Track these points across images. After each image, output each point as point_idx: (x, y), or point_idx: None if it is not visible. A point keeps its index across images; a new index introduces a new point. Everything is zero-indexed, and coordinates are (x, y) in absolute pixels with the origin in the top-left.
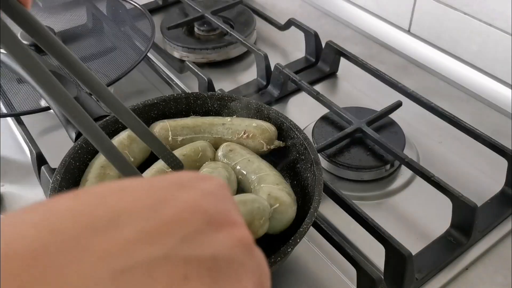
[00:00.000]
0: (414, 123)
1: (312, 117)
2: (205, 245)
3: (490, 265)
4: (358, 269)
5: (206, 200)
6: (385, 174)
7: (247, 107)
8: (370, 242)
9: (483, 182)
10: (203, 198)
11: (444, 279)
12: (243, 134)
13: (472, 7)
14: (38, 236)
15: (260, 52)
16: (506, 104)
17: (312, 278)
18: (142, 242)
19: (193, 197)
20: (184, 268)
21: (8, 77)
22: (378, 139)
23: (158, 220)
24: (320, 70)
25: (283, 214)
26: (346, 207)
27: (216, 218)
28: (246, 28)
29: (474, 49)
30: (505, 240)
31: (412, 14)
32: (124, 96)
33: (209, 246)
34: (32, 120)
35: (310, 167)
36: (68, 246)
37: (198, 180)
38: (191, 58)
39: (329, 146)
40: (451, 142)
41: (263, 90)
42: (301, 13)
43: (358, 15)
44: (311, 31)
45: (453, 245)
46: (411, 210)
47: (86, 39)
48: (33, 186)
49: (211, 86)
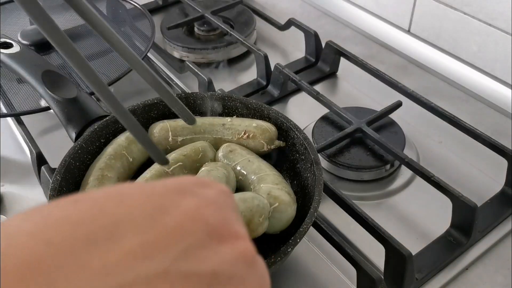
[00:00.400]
0: (414, 123)
1: (312, 117)
2: (205, 260)
3: (490, 265)
4: (358, 269)
5: (207, 209)
6: (385, 174)
7: (247, 107)
8: (370, 242)
9: (483, 182)
10: (205, 207)
11: (444, 279)
12: (243, 135)
13: (472, 7)
14: (34, 248)
15: (260, 52)
16: (506, 104)
17: (312, 278)
18: (140, 257)
19: (194, 205)
20: (183, 285)
21: (8, 77)
22: (378, 139)
23: (157, 232)
24: (320, 70)
25: (283, 213)
26: (346, 207)
27: (218, 229)
28: (246, 28)
29: (474, 49)
30: (505, 240)
31: (412, 14)
32: (124, 96)
33: (210, 261)
34: (32, 120)
35: (310, 167)
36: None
37: (200, 186)
38: (191, 58)
39: (329, 146)
40: (451, 142)
41: (263, 90)
42: (301, 13)
43: (358, 15)
44: (311, 31)
45: (453, 245)
46: (411, 210)
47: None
48: (33, 186)
49: (211, 86)
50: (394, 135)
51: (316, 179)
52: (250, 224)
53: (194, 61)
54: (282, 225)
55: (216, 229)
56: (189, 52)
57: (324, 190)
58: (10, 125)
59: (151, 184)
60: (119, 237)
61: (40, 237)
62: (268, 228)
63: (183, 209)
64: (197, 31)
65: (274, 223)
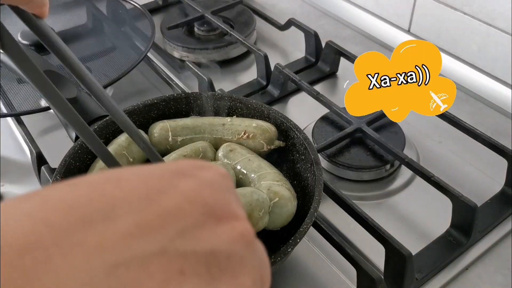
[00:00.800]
0: (414, 123)
1: (312, 117)
2: (203, 239)
3: (490, 265)
4: (358, 269)
5: (206, 190)
6: (385, 174)
7: (247, 107)
8: (370, 242)
9: (483, 182)
10: (203, 188)
11: (444, 279)
12: (243, 135)
13: (472, 7)
14: (32, 226)
15: (260, 52)
16: (506, 104)
17: (312, 278)
18: (137, 236)
19: (192, 186)
20: (181, 263)
21: (8, 77)
22: (378, 139)
23: (154, 212)
24: (320, 70)
25: (283, 208)
26: (346, 207)
27: (216, 210)
28: (246, 28)
29: (474, 49)
30: (505, 240)
31: (412, 14)
32: (124, 96)
33: (207, 241)
34: (32, 120)
35: (310, 167)
36: (61, 238)
37: (198, 169)
38: (191, 58)
39: (329, 146)
40: (451, 142)
41: (263, 90)
42: (301, 13)
43: (358, 15)
44: (311, 31)
45: (453, 245)
46: (411, 210)
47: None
48: (33, 186)
49: (211, 86)
50: (394, 135)
51: (316, 179)
52: (250, 219)
53: (194, 61)
54: (282, 220)
55: (214, 210)
56: (189, 52)
57: (324, 190)
58: (10, 125)
59: (148, 168)
60: (115, 218)
61: (38, 217)
62: (269, 223)
63: (180, 190)
64: (197, 31)
65: (274, 218)
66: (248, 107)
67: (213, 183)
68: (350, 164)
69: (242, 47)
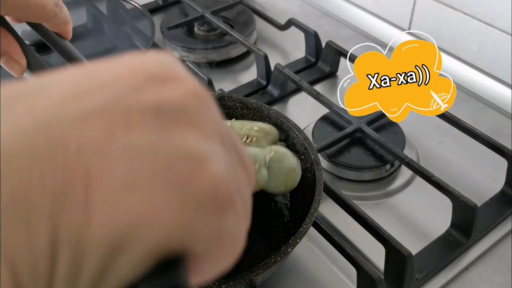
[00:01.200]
0: (414, 123)
1: (312, 117)
2: (148, 96)
3: (490, 265)
4: (358, 269)
5: (150, 61)
6: (385, 174)
7: (247, 107)
8: (370, 242)
9: (483, 182)
10: (148, 61)
11: (444, 279)
12: (246, 139)
13: (472, 7)
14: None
15: (260, 52)
16: (506, 104)
17: (312, 278)
18: (71, 100)
19: (135, 59)
20: (125, 116)
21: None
22: (378, 139)
23: (91, 81)
24: (320, 70)
25: (281, 162)
26: (346, 207)
27: (161, 73)
28: (246, 28)
29: (474, 49)
30: (505, 240)
31: (412, 14)
32: None
33: (153, 96)
34: None
35: (310, 167)
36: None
37: (150, 54)
38: (191, 58)
39: (329, 146)
40: (451, 142)
41: (263, 90)
42: (301, 13)
43: (358, 15)
44: (311, 31)
45: (453, 245)
46: (411, 210)
47: (86, 39)
48: None
49: (211, 86)
50: (394, 135)
51: (316, 179)
52: None
53: (194, 61)
54: (283, 177)
55: (159, 74)
56: (189, 52)
57: (324, 190)
58: None
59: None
60: (46, 91)
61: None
62: (271, 182)
63: (121, 64)
64: (197, 31)
65: (274, 175)
66: (248, 107)
67: (160, 58)
68: (350, 164)
69: (242, 47)
